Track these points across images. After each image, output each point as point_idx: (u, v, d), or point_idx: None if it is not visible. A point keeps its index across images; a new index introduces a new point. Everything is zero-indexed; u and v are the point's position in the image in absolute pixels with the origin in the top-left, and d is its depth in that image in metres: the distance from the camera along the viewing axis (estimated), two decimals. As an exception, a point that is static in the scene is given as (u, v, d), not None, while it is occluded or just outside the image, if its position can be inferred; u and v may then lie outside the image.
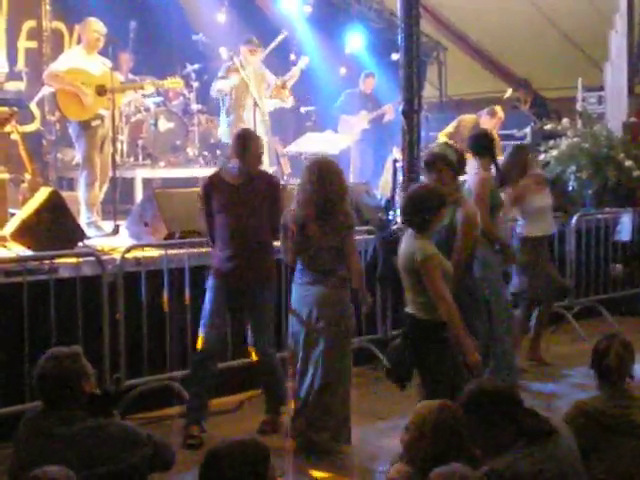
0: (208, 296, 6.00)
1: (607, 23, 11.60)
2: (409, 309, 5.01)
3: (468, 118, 11.02)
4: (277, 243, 5.98)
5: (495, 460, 3.43)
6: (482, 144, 6.94)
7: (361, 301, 5.81)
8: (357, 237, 7.63)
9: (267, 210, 5.92)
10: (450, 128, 10.99)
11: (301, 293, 5.69)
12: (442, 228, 5.37)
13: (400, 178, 8.26)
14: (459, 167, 5.87)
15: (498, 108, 10.96)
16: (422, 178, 7.18)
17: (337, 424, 5.65)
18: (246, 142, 5.98)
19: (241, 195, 5.91)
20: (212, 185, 6.03)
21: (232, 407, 6.65)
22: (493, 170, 6.98)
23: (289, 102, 10.64)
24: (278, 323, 6.52)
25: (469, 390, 3.61)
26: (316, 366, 5.60)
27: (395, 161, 8.88)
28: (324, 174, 5.57)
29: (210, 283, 6.02)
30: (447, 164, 5.73)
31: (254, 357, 6.17)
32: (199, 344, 5.94)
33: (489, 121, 10.81)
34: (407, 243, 5.02)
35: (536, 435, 3.51)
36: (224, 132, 9.97)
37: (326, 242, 5.58)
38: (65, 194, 7.84)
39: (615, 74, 11.42)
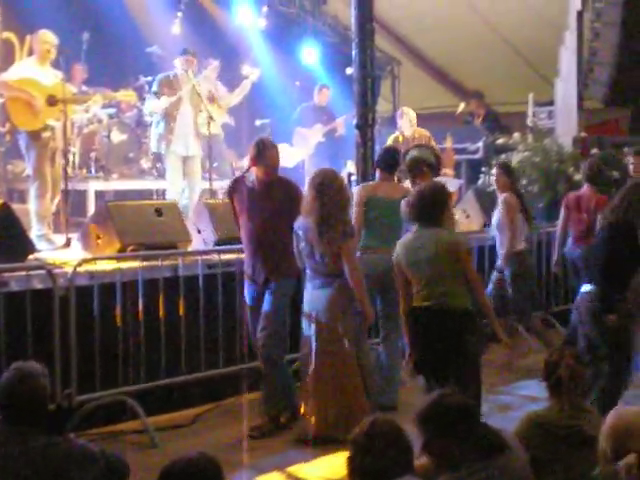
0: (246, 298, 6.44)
1: (558, 39, 11.77)
2: (442, 302, 5.15)
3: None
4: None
5: (448, 475, 3.45)
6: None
7: (363, 313, 5.99)
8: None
9: (287, 215, 6.11)
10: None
11: (310, 297, 6.03)
12: None
13: (354, 191, 8.28)
14: (437, 168, 6.10)
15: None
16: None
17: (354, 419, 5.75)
18: (260, 150, 6.19)
19: (257, 199, 6.17)
20: (233, 188, 6.41)
21: (187, 421, 6.59)
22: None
23: (238, 97, 10.67)
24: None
25: (428, 403, 3.57)
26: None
27: (349, 174, 8.92)
28: (326, 185, 5.84)
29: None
30: (429, 167, 5.96)
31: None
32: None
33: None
34: (432, 235, 5.21)
35: (490, 450, 3.51)
36: (153, 143, 9.81)
37: (328, 249, 5.83)
38: (15, 206, 7.76)
39: (565, 89, 11.58)
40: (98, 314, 6.30)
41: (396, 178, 7.23)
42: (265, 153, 6.17)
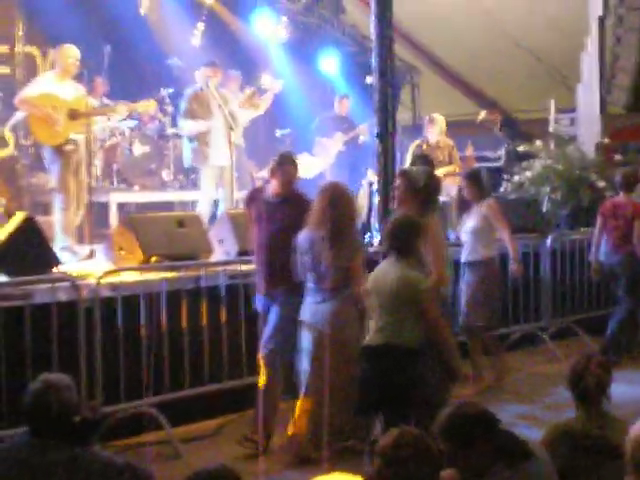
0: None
1: (578, 45, 11.73)
2: (392, 338, 5.10)
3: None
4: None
5: None
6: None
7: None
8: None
9: (299, 230, 6.06)
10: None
11: (312, 310, 5.92)
12: None
13: (375, 201, 8.29)
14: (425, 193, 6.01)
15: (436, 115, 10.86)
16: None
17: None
18: (277, 164, 6.25)
19: (272, 212, 6.20)
20: (251, 198, 6.45)
21: (211, 432, 6.60)
22: None
23: (263, 107, 10.66)
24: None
25: (448, 414, 3.56)
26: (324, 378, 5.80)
27: (370, 184, 8.91)
28: (336, 198, 5.85)
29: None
30: (414, 191, 5.97)
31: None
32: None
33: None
34: (397, 270, 5.17)
35: (514, 457, 3.50)
36: (187, 157, 9.87)
37: (336, 262, 5.78)
38: (39, 219, 7.81)
39: (587, 95, 11.55)
40: (122, 325, 6.32)
41: None
42: (281, 168, 6.20)
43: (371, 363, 5.19)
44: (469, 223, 7.76)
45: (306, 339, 5.93)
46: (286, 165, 6.24)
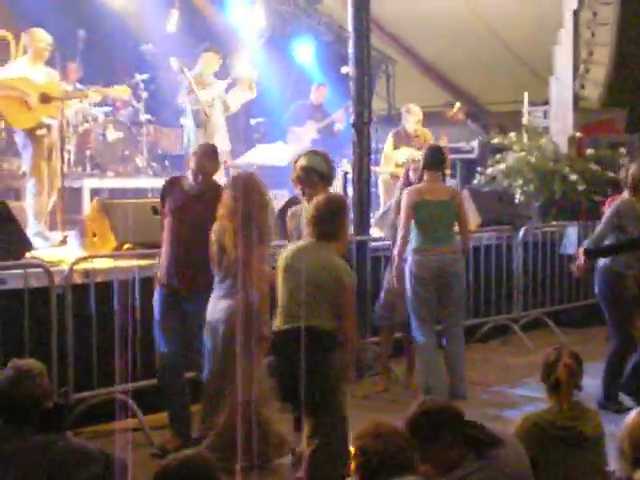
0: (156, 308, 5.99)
1: (553, 38, 11.78)
2: (312, 322, 4.77)
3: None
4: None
5: (447, 477, 3.47)
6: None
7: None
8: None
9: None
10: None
11: (214, 307, 5.52)
12: None
13: (350, 190, 8.29)
14: (330, 177, 5.85)
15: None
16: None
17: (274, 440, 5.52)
18: (193, 154, 6.03)
19: (188, 205, 5.89)
20: (167, 189, 6.09)
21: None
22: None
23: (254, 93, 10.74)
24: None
25: (414, 412, 3.58)
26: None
27: (345, 173, 8.91)
28: (249, 187, 5.45)
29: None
30: (320, 176, 5.73)
31: None
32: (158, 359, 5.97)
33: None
34: (324, 257, 4.90)
35: (483, 447, 3.54)
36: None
37: (241, 255, 5.31)
38: (11, 204, 7.74)
39: (560, 89, 11.59)
40: (95, 312, 6.29)
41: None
42: (193, 158, 5.96)
43: (287, 348, 4.82)
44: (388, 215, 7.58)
45: (209, 339, 5.53)
46: (199, 156, 5.96)
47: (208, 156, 6.04)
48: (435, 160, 7.06)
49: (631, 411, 3.51)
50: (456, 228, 7.17)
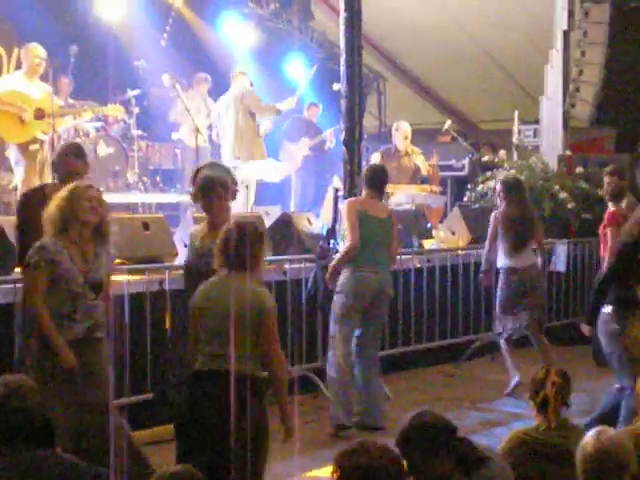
0: None
1: (544, 58, 11.86)
2: (230, 365, 4.27)
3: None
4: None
5: None
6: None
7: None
8: (297, 265, 7.73)
9: None
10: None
11: None
12: None
13: (341, 207, 8.31)
14: (233, 191, 5.56)
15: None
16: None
17: None
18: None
19: None
20: (26, 202, 6.06)
21: (171, 436, 6.55)
22: None
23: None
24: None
25: (408, 422, 3.58)
26: None
27: (336, 190, 8.93)
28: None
29: None
30: (223, 188, 5.38)
31: None
32: None
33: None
34: (241, 287, 4.38)
35: (470, 464, 3.55)
36: None
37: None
38: (1, 218, 7.73)
39: (551, 108, 11.66)
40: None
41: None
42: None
43: (203, 389, 4.37)
44: None
45: None
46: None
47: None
48: (376, 181, 7.01)
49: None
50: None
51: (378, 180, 7.02)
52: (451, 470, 3.52)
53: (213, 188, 5.37)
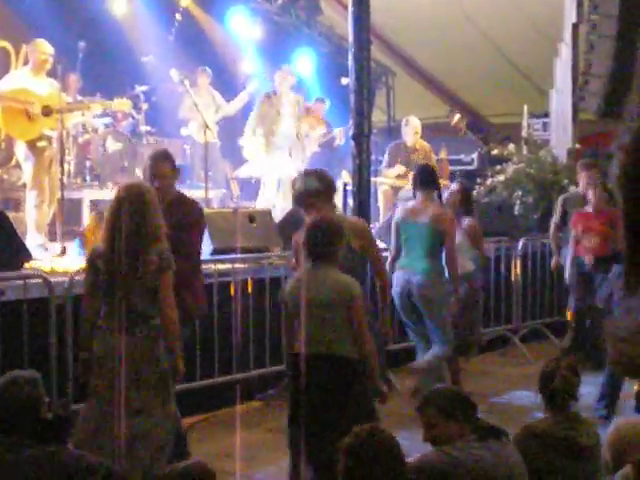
0: None
1: (553, 51, 11.82)
2: (333, 350, 4.68)
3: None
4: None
5: (446, 446, 3.70)
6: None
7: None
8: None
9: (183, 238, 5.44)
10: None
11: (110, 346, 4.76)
12: None
13: (350, 202, 8.31)
14: (328, 193, 5.63)
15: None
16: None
17: None
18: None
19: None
20: None
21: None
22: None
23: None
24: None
25: (432, 390, 3.98)
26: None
27: (345, 185, 8.94)
28: (136, 201, 4.80)
29: None
30: (317, 196, 5.53)
31: None
32: None
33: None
34: (327, 277, 4.76)
35: (486, 434, 3.76)
36: None
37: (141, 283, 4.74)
38: (11, 215, 7.76)
39: (560, 101, 11.63)
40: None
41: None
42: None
43: (309, 372, 4.64)
44: None
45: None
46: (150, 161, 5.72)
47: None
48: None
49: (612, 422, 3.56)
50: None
51: (425, 180, 6.96)
52: (465, 432, 3.74)
53: (305, 200, 5.58)
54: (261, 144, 10.20)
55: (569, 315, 8.41)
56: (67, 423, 3.92)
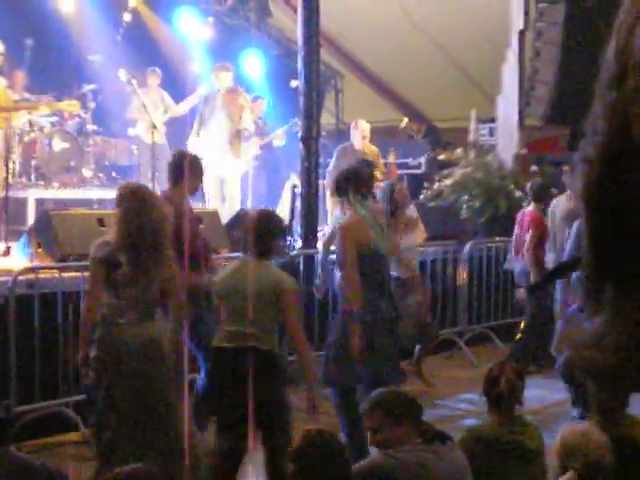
0: None
1: (500, 57, 11.95)
2: (256, 343, 4.57)
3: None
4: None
5: (392, 449, 3.73)
6: None
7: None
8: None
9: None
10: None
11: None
12: None
13: (298, 204, 8.33)
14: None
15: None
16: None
17: None
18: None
19: None
20: None
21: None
22: None
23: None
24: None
25: (379, 393, 3.96)
26: None
27: (294, 187, 8.94)
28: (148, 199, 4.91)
29: None
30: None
31: None
32: None
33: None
34: (258, 269, 4.74)
35: (432, 438, 3.80)
36: None
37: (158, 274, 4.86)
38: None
39: (507, 107, 11.74)
40: (38, 324, 6.22)
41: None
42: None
43: (229, 367, 4.65)
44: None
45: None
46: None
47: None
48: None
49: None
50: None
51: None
52: (410, 437, 3.77)
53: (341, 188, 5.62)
54: (202, 145, 10.13)
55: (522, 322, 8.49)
56: (7, 426, 3.86)
